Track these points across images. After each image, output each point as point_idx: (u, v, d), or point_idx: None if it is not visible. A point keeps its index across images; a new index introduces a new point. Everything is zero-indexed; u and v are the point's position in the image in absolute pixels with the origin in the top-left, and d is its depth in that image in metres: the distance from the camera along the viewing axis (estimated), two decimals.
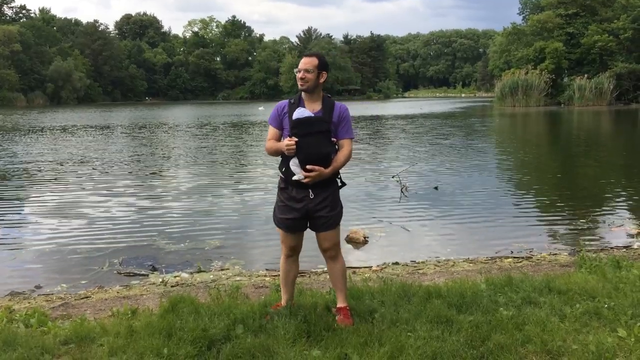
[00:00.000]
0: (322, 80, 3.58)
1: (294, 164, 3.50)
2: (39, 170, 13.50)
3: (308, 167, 3.44)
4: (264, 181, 11.71)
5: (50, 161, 15.28)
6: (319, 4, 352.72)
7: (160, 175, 12.87)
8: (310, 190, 3.53)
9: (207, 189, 10.89)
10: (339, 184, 3.70)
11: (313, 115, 3.51)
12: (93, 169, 13.79)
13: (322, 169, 3.46)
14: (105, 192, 10.64)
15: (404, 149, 18.14)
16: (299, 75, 3.53)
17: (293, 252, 3.78)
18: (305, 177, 3.46)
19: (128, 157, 16.30)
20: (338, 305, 3.76)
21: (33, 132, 26.76)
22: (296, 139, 3.43)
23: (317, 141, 3.46)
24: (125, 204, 9.44)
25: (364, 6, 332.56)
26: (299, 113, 3.50)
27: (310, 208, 3.55)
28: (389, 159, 15.60)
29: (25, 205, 9.58)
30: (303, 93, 3.59)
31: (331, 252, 3.71)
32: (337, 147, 3.60)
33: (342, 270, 3.78)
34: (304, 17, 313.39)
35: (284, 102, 3.67)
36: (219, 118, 39.20)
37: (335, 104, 3.61)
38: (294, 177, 3.51)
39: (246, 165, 14.45)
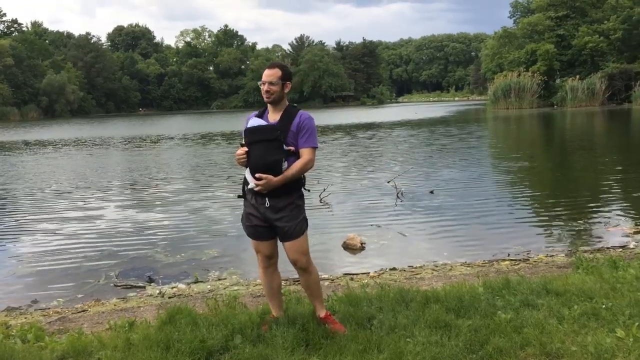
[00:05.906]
0: (286, 90, 3.61)
1: (247, 173, 3.56)
2: (34, 186, 13.45)
3: (257, 175, 3.45)
4: None
5: (45, 177, 15.23)
6: (305, 10, 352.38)
7: (156, 187, 12.84)
8: (266, 199, 3.52)
9: (202, 200, 10.88)
10: (301, 193, 3.62)
11: (266, 124, 3.53)
12: (88, 182, 13.75)
13: (270, 177, 3.43)
14: (99, 205, 10.62)
15: (399, 154, 18.18)
16: (263, 88, 3.53)
17: (268, 262, 3.70)
18: (256, 185, 3.47)
19: (123, 171, 16.27)
20: (320, 315, 3.70)
21: (25, 147, 26.66)
22: (246, 149, 3.48)
23: (264, 149, 3.46)
24: (121, 217, 9.41)
25: (351, 12, 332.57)
26: (250, 123, 3.57)
27: (268, 217, 3.53)
28: (384, 164, 15.62)
29: (21, 221, 9.52)
30: (268, 105, 3.62)
31: (300, 264, 3.62)
32: (297, 155, 3.53)
33: (315, 281, 3.72)
34: (292, 24, 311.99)
35: (252, 114, 3.68)
36: (215, 129, 39.09)
37: (298, 113, 3.58)
38: (249, 186, 3.56)
39: (241, 176, 14.43)
